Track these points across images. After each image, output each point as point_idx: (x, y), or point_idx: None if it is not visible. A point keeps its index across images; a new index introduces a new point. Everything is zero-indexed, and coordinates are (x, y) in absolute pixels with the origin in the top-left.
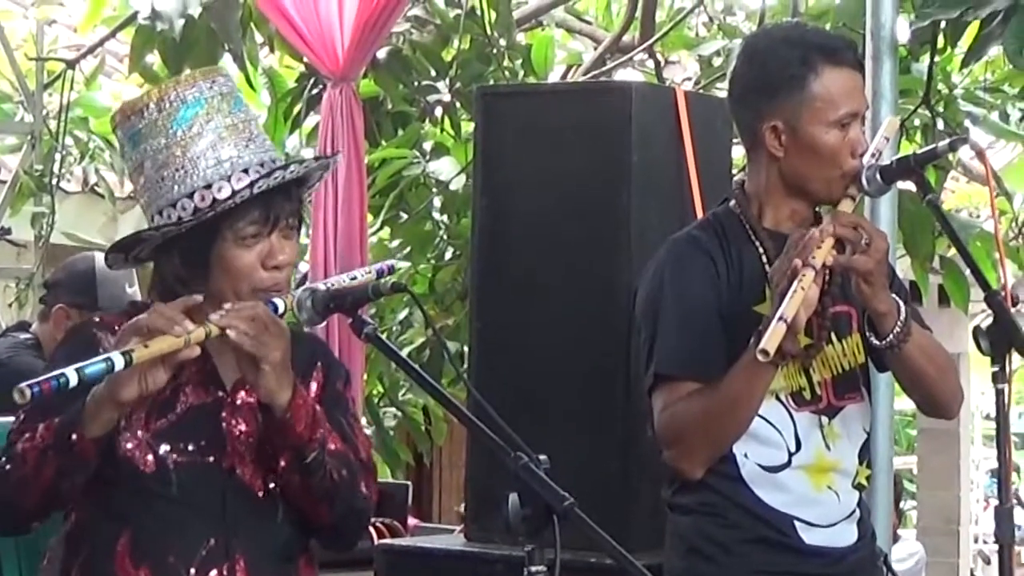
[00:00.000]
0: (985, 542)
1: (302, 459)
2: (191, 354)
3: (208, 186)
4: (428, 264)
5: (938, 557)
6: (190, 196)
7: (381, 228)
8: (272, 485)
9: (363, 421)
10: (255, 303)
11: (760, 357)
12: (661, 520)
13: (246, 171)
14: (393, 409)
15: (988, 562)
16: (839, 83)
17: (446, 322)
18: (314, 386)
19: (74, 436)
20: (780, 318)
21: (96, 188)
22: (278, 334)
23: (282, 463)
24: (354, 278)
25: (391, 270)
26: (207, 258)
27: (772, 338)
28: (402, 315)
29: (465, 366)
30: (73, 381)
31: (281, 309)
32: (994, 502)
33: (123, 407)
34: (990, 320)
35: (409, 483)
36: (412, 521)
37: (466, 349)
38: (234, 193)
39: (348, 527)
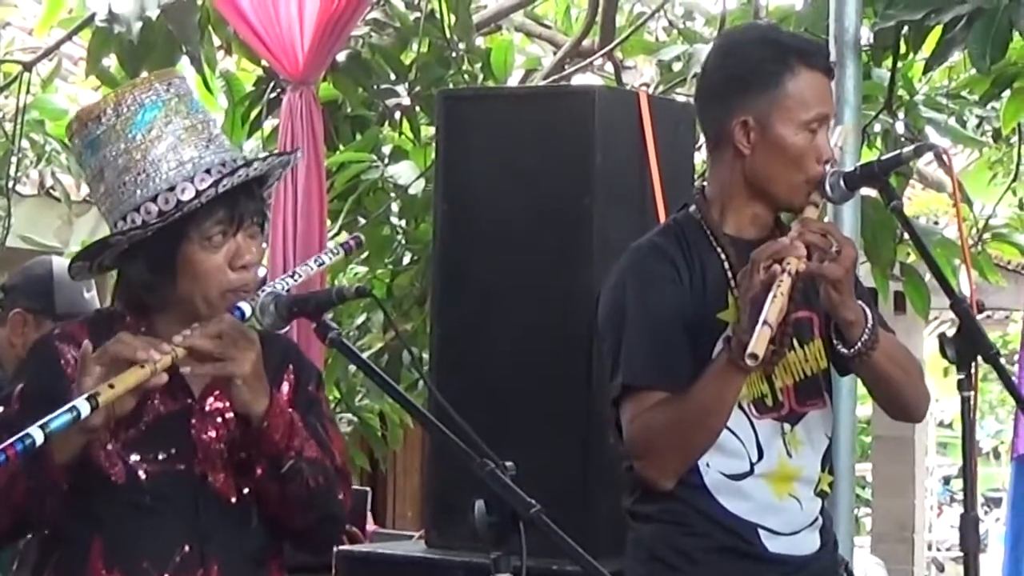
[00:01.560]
0: (938, 549)
1: (278, 468)
2: (159, 382)
3: (171, 188)
4: (386, 269)
5: (892, 564)
6: (153, 199)
7: (339, 232)
8: (246, 491)
9: None
10: (220, 318)
11: (749, 362)
12: (620, 527)
13: (208, 171)
14: (349, 415)
15: (942, 569)
16: (813, 85)
17: (404, 327)
18: (285, 388)
19: (43, 462)
20: (764, 322)
21: (52, 191)
22: (247, 345)
23: (259, 471)
24: (321, 262)
25: (359, 243)
26: (173, 262)
27: (759, 342)
28: (360, 319)
29: (419, 372)
30: (39, 439)
31: (248, 313)
32: (948, 509)
33: (91, 434)
34: (955, 328)
35: (368, 489)
36: (370, 527)
37: (425, 354)
38: (199, 193)
39: (324, 533)
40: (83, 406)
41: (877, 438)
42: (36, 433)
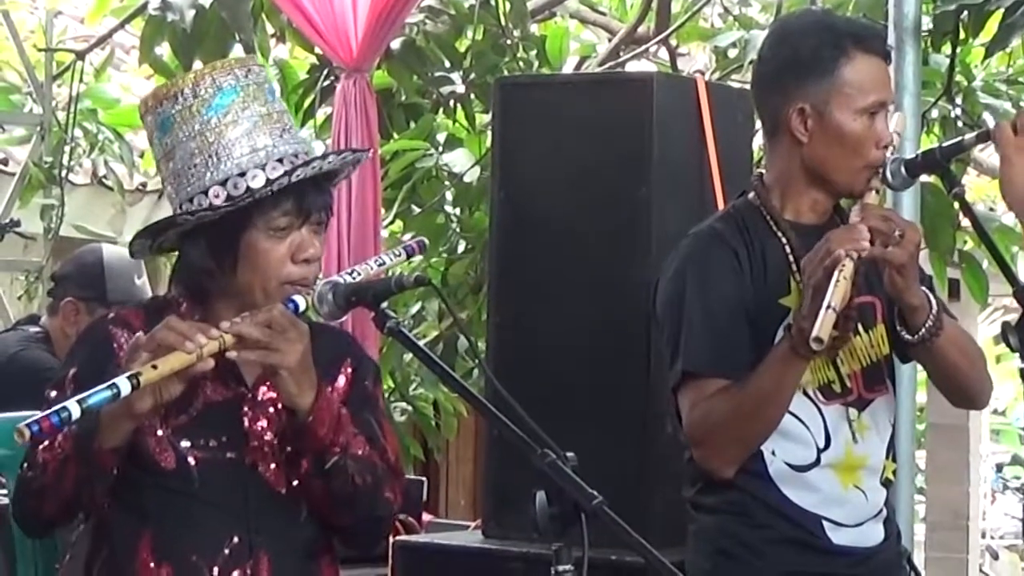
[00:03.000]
0: (992, 537)
1: (323, 464)
2: (205, 367)
3: (242, 174)
4: (440, 257)
5: (947, 552)
6: (223, 184)
7: (393, 221)
8: (296, 483)
9: None
10: (271, 307)
11: (814, 346)
12: (676, 518)
13: (280, 160)
14: (403, 404)
15: (996, 557)
16: (870, 71)
17: (459, 316)
18: (341, 382)
19: (92, 446)
20: (828, 306)
21: (104, 180)
22: (296, 337)
23: (304, 466)
24: (382, 263)
25: (423, 248)
26: (236, 248)
27: (824, 326)
28: (415, 308)
29: (477, 361)
30: (76, 414)
31: (302, 307)
32: (1000, 496)
33: (139, 419)
34: (1018, 316)
35: (424, 479)
36: (426, 517)
37: (479, 343)
38: (270, 181)
39: (367, 532)
40: (124, 384)
41: (932, 426)
42: (73, 407)
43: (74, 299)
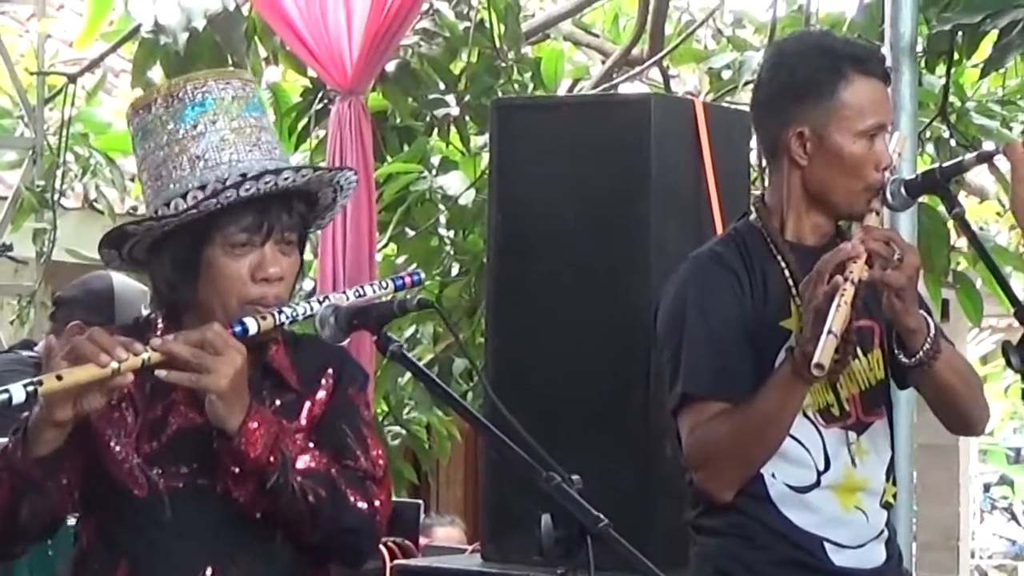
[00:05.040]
0: (981, 557)
1: (263, 484)
2: (123, 382)
3: (203, 187)
4: (435, 280)
5: (937, 573)
6: (184, 196)
7: (387, 244)
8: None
9: None
10: (207, 327)
11: (815, 372)
12: (678, 540)
13: (244, 175)
14: (396, 427)
15: None
16: (868, 93)
17: (461, 337)
18: (321, 394)
19: (18, 456)
20: (829, 332)
21: (95, 204)
22: (229, 360)
23: (248, 488)
24: (360, 294)
25: (416, 283)
26: (196, 263)
27: (825, 352)
28: (409, 332)
29: (472, 383)
30: None
31: (252, 330)
32: (989, 516)
33: (61, 427)
34: (1004, 335)
35: (420, 502)
36: (423, 540)
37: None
38: (221, 190)
39: (342, 546)
40: (17, 391)
41: (921, 446)
42: None
43: (80, 324)
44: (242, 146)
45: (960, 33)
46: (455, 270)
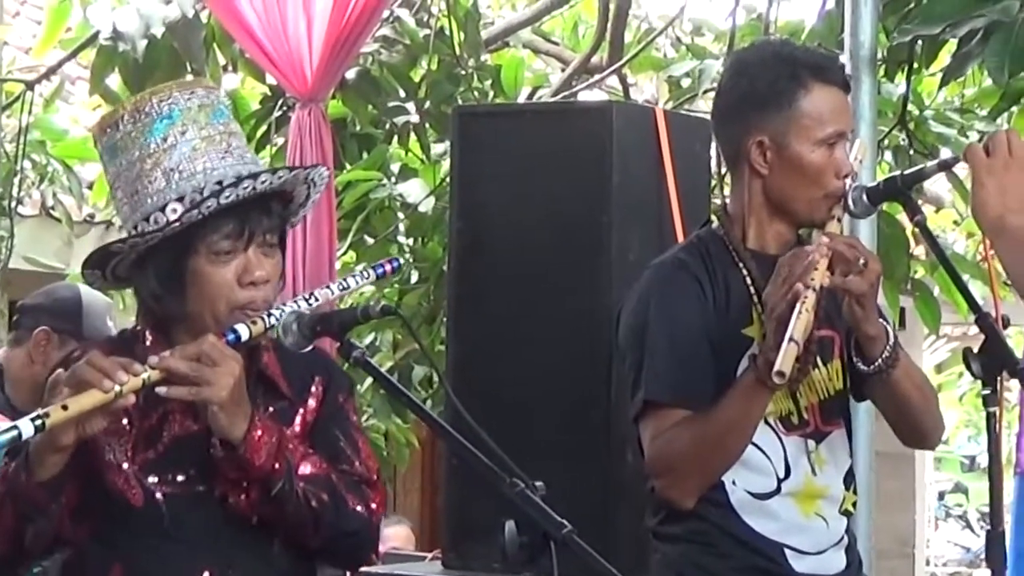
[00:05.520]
0: (936, 565)
1: (268, 491)
2: (125, 403)
3: (181, 199)
4: (394, 288)
5: None
6: (162, 209)
7: (346, 252)
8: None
9: None
10: (202, 339)
11: (776, 379)
12: (641, 546)
13: (220, 183)
14: None
15: None
16: (828, 101)
17: (413, 347)
18: (312, 403)
19: (21, 481)
20: (791, 339)
21: (52, 212)
22: (227, 370)
23: (252, 496)
24: (344, 287)
25: (395, 268)
26: (182, 275)
27: (786, 359)
28: (368, 339)
29: (432, 391)
30: None
31: (244, 336)
32: (943, 524)
33: (64, 451)
34: (959, 344)
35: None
36: (382, 547)
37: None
38: (201, 200)
39: (342, 549)
40: (26, 427)
41: (877, 454)
42: None
43: (48, 329)
44: (214, 154)
45: (919, 42)
46: (414, 278)
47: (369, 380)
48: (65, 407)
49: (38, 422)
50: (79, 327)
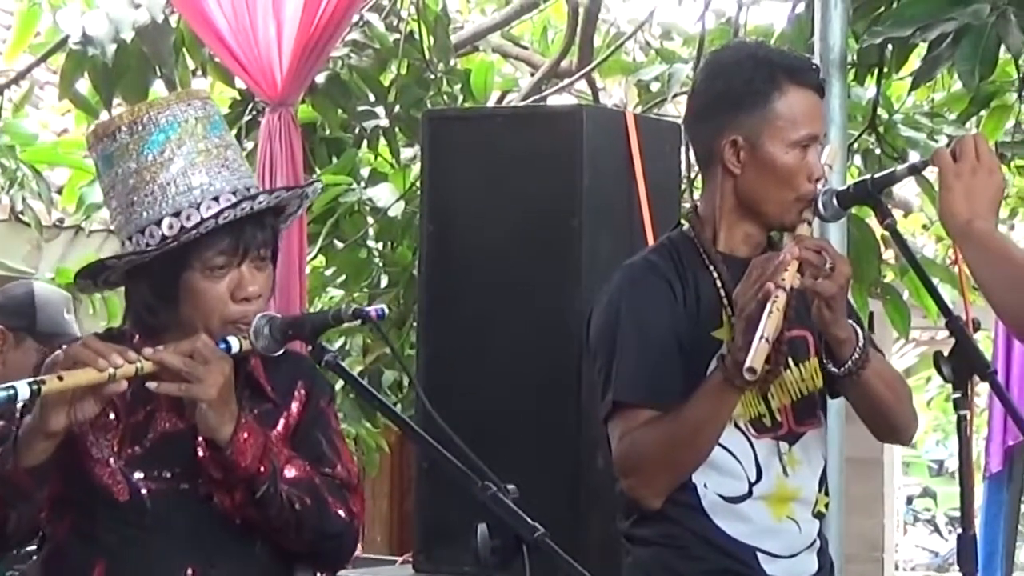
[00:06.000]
0: (904, 569)
1: (253, 493)
2: (117, 389)
3: (176, 213)
4: (363, 292)
5: None
6: (158, 223)
7: (316, 256)
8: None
9: None
10: (196, 337)
11: (747, 376)
12: (612, 549)
13: (216, 199)
14: None
15: None
16: (802, 103)
17: (383, 351)
18: (295, 407)
19: (8, 465)
20: (762, 337)
21: (21, 216)
22: (218, 370)
23: (237, 497)
24: None
25: (380, 316)
26: (175, 288)
27: (757, 356)
28: (338, 343)
29: (402, 395)
30: None
31: (235, 348)
32: (912, 528)
33: (54, 437)
34: (929, 347)
35: None
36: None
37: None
38: (200, 222)
39: (324, 551)
40: (22, 389)
41: (846, 459)
42: None
43: (3, 327)
44: (211, 168)
45: (889, 46)
46: (384, 282)
47: (340, 384)
48: (60, 378)
49: (35, 386)
50: (33, 323)
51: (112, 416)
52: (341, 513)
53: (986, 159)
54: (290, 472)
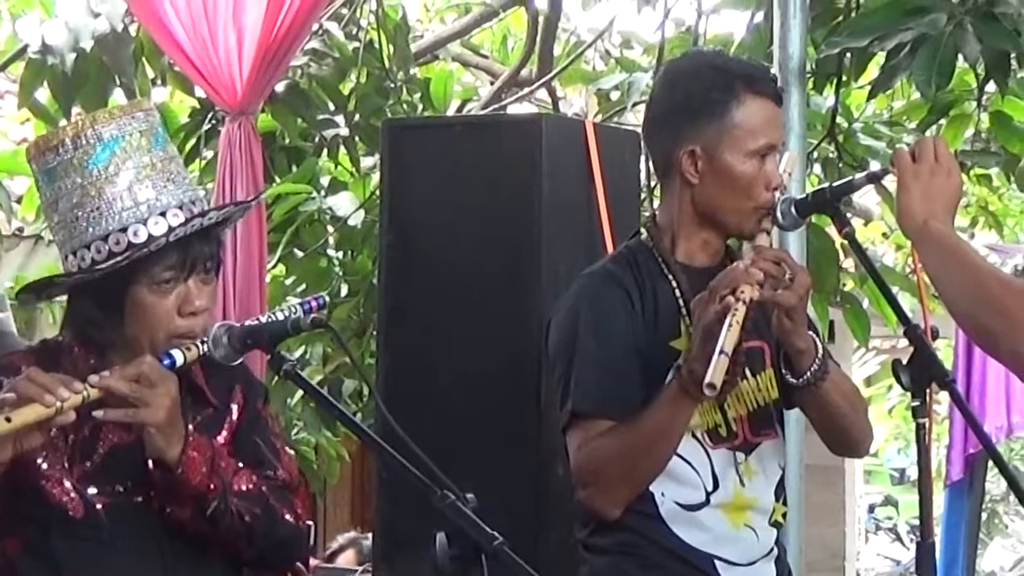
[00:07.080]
0: None
1: (204, 510)
2: (66, 420)
3: (123, 229)
4: None
5: None
6: (104, 239)
7: (276, 265)
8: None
9: None
10: (140, 360)
11: (707, 391)
12: (570, 558)
13: (163, 214)
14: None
15: None
16: (760, 113)
17: (344, 360)
18: (235, 412)
19: None
20: (721, 351)
21: None
22: (164, 392)
23: (187, 513)
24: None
25: (321, 306)
26: (122, 303)
27: (717, 372)
28: (298, 352)
29: (362, 404)
30: None
31: (179, 362)
32: (873, 537)
33: (1, 467)
34: (889, 356)
35: (311, 523)
36: (313, 561)
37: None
38: (150, 239)
39: (275, 557)
40: None
41: (807, 467)
42: None
43: None
44: (157, 183)
45: (848, 55)
46: (344, 291)
47: (300, 393)
48: (8, 419)
49: None
50: None
51: (58, 433)
52: (288, 517)
53: (945, 161)
54: (239, 485)
